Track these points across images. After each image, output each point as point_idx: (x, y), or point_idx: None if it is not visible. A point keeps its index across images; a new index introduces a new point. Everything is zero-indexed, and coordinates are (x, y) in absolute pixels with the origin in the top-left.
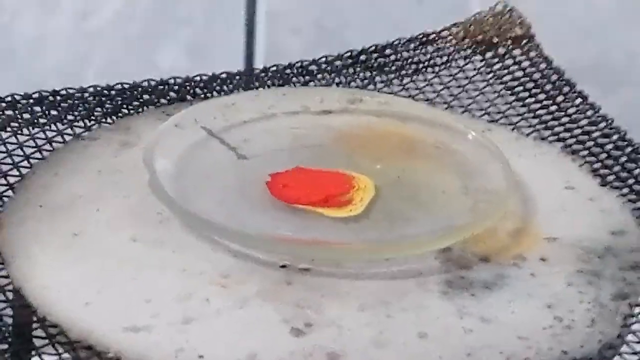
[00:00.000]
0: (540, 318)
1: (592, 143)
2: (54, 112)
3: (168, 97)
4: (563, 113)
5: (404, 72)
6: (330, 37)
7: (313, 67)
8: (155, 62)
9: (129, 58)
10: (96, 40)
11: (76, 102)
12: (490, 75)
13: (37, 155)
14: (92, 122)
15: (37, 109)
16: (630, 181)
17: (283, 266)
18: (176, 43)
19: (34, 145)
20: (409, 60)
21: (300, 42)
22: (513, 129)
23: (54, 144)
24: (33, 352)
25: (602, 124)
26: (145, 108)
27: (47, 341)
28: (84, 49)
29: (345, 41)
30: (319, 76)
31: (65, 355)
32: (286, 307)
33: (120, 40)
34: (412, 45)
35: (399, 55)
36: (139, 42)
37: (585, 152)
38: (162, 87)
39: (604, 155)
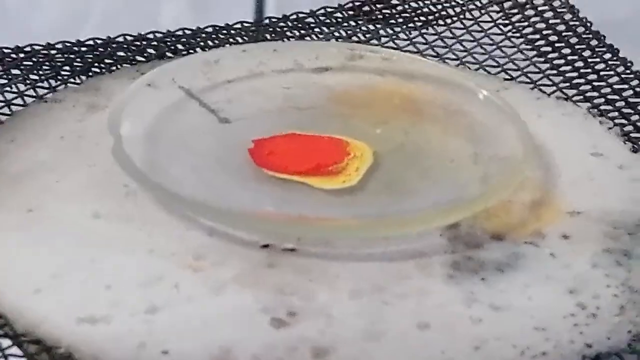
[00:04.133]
0: (561, 305)
1: (622, 103)
2: (15, 72)
3: (145, 54)
4: (590, 70)
5: (411, 24)
6: None
7: (310, 20)
8: (157, 16)
9: (128, 11)
10: None
11: (41, 59)
12: (509, 27)
13: None
14: (59, 83)
15: None
16: None
17: (265, 246)
18: None
19: None
20: (418, 11)
21: None
22: (533, 88)
23: (13, 107)
24: None
25: (635, 82)
26: (119, 67)
27: None
28: (80, 2)
29: None
30: (317, 30)
31: (14, 350)
32: (267, 294)
33: None
34: None
35: (406, 5)
36: None
37: (615, 114)
38: (138, 42)
39: (636, 117)
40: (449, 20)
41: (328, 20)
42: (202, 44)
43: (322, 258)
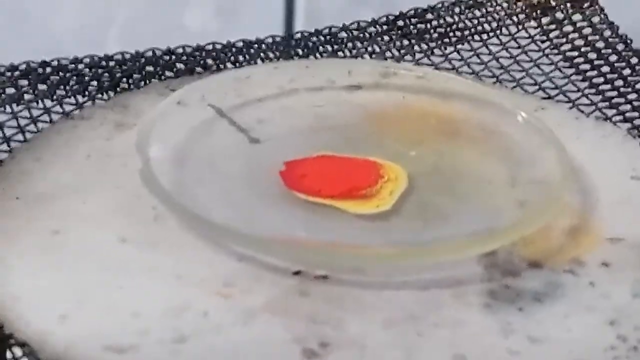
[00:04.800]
0: (601, 337)
1: None
2: (42, 87)
3: (175, 70)
4: (630, 89)
5: (447, 40)
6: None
7: (343, 35)
8: (183, 24)
9: (154, 19)
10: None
11: (68, 74)
12: (547, 44)
13: (19, 137)
14: (86, 99)
15: (24, 82)
16: None
17: (296, 273)
18: (206, 2)
19: (16, 125)
20: (453, 26)
21: (342, 3)
22: (571, 107)
23: (39, 124)
24: None
25: None
26: (147, 82)
27: None
28: (104, 8)
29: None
30: (350, 45)
31: None
32: (299, 323)
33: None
34: (457, 9)
35: (441, 20)
36: (165, 1)
37: None
38: (168, 57)
39: None
40: (485, 36)
41: (361, 35)
42: (232, 58)
43: (355, 286)
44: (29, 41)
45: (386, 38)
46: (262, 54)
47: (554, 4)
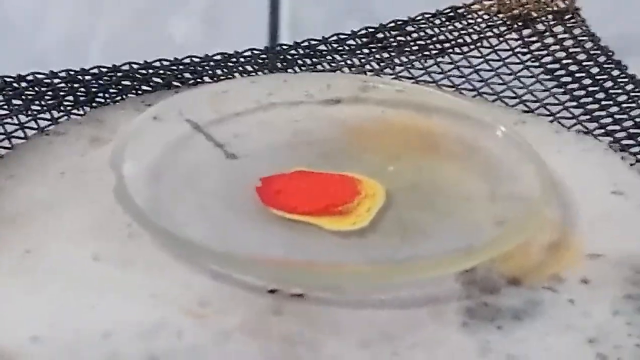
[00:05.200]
0: (581, 356)
1: None
2: (17, 102)
3: (151, 84)
4: (612, 102)
5: (427, 52)
6: (359, 9)
7: (322, 47)
8: (169, 35)
9: (138, 31)
10: (102, 10)
11: (43, 89)
12: (528, 56)
13: None
14: (61, 114)
15: None
16: None
17: (272, 291)
18: (191, 13)
19: None
20: (434, 38)
21: (326, 15)
22: (552, 121)
23: (14, 140)
24: None
25: None
26: (124, 96)
27: None
28: (88, 20)
29: (376, 14)
30: (329, 58)
31: None
32: (273, 344)
33: (128, 10)
34: (437, 22)
35: (422, 33)
36: (150, 13)
37: (638, 149)
38: (144, 71)
39: None
40: (465, 49)
41: (340, 48)
42: (210, 72)
43: (331, 304)
44: (13, 54)
45: (366, 51)
46: (240, 68)
47: (535, 15)
